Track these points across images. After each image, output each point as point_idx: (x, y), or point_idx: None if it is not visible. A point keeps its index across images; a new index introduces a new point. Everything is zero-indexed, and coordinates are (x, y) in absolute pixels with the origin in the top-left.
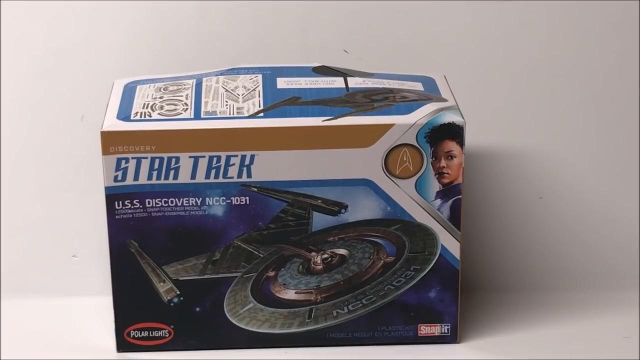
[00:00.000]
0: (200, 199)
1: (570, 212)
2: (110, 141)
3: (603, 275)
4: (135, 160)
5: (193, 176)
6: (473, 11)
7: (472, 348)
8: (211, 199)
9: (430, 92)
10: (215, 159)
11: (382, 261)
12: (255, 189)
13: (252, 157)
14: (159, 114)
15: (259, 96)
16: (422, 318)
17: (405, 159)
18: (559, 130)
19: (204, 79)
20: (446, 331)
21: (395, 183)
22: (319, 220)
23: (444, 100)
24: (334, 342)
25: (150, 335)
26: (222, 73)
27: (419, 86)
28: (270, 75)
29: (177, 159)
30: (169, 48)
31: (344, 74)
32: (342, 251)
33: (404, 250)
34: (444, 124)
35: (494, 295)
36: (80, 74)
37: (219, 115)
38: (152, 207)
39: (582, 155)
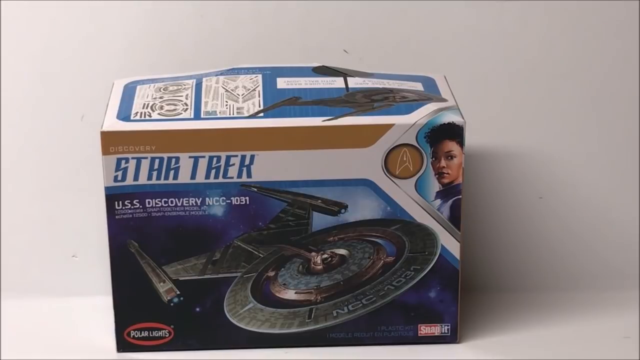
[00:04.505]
0: (200, 199)
1: (570, 212)
2: (110, 141)
3: (603, 275)
4: (135, 160)
5: (193, 176)
6: (473, 11)
7: (472, 348)
8: (211, 199)
9: (430, 92)
10: (215, 159)
11: (382, 261)
12: (255, 189)
13: (252, 157)
14: (159, 114)
15: (259, 96)
16: (422, 318)
17: (405, 159)
18: (559, 130)
19: (204, 79)
20: (446, 331)
21: (395, 183)
22: (319, 220)
23: (444, 100)
24: (334, 342)
25: (150, 335)
26: (222, 73)
27: (419, 86)
28: (270, 75)
29: (177, 159)
30: (169, 48)
31: (344, 74)
32: (342, 251)
33: (404, 250)
34: (444, 124)
35: (494, 295)
36: (80, 74)
37: (219, 115)
38: (152, 207)
39: (582, 155)
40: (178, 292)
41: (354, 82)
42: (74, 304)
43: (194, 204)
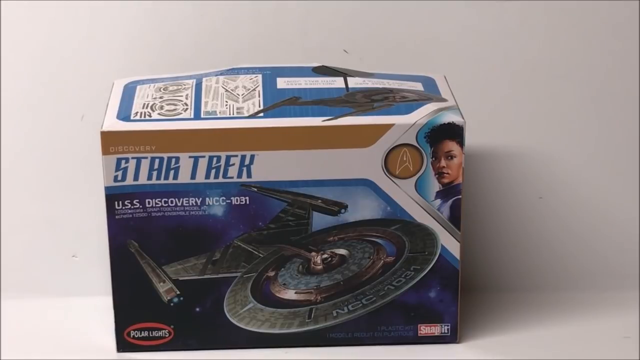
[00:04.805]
0: (200, 199)
1: (570, 212)
2: (110, 141)
3: (603, 275)
4: (135, 160)
5: (193, 176)
6: (473, 11)
7: (472, 348)
8: (211, 199)
9: (430, 92)
10: (215, 159)
11: (382, 261)
12: (255, 189)
13: (252, 157)
14: (159, 114)
15: (259, 96)
16: (422, 318)
17: (405, 159)
18: (559, 130)
19: (204, 79)
20: (446, 331)
21: (395, 183)
22: (319, 220)
23: (444, 100)
24: (334, 342)
25: (150, 335)
26: (222, 73)
27: (419, 86)
28: (270, 75)
29: (177, 159)
30: (169, 48)
31: (344, 74)
32: (342, 251)
33: (404, 250)
34: (444, 124)
35: (494, 295)
36: (80, 74)
37: (219, 115)
38: (152, 207)
39: (582, 155)
40: (178, 292)
41: (354, 82)
42: (74, 304)
43: (194, 204)
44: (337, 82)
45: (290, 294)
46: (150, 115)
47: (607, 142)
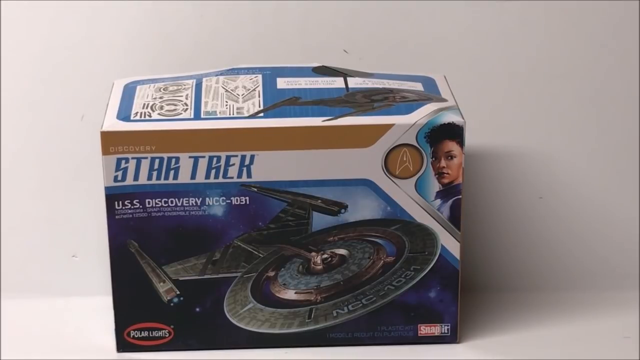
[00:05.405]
0: (200, 199)
1: (570, 212)
2: (110, 141)
3: (603, 275)
4: (135, 160)
5: (193, 176)
6: (473, 11)
7: (472, 348)
8: (211, 199)
9: (430, 92)
10: (215, 159)
11: (382, 261)
12: (255, 189)
13: (252, 157)
14: (159, 114)
15: (259, 96)
16: (422, 318)
17: (405, 159)
18: (559, 130)
19: (204, 79)
20: (446, 331)
21: (395, 183)
22: (319, 220)
23: (444, 100)
24: (334, 342)
25: (150, 335)
26: (222, 73)
27: (419, 86)
28: (270, 75)
29: (177, 159)
30: (169, 48)
31: (344, 74)
32: (342, 251)
33: (404, 250)
34: (444, 124)
35: (494, 295)
36: (80, 74)
37: (219, 116)
38: (152, 207)
39: (582, 155)
40: (178, 292)
41: (354, 82)
42: (74, 304)
43: (194, 204)
44: (337, 82)
45: (290, 294)
46: (150, 116)
47: (607, 142)
